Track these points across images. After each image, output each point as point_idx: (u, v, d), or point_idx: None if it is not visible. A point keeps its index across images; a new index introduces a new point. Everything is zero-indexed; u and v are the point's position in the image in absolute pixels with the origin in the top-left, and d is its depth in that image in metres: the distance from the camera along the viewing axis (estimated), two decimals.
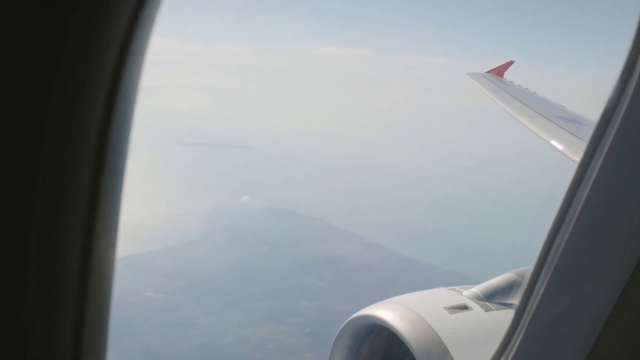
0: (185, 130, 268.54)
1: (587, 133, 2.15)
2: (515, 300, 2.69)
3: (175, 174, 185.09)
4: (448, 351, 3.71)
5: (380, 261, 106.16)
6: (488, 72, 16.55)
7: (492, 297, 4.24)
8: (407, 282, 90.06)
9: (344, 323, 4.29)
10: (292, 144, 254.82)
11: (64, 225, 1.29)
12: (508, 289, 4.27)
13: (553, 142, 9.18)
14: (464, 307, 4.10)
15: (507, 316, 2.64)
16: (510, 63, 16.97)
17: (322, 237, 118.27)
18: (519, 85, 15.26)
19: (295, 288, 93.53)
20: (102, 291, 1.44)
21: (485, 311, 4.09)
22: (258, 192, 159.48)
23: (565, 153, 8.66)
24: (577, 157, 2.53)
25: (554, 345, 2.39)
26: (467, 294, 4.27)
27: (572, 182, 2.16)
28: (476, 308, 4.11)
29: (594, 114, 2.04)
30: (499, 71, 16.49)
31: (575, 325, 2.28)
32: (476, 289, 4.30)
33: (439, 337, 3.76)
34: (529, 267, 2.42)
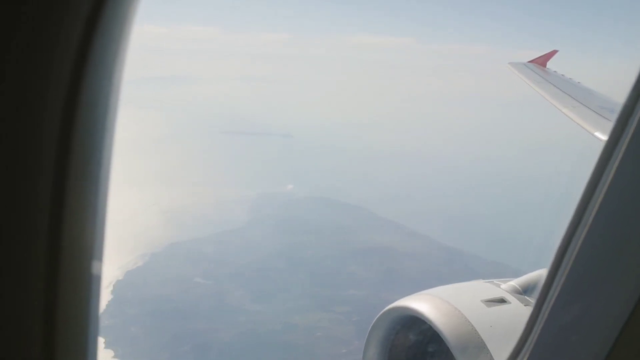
0: (228, 118, 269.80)
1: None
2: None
3: (220, 162, 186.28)
4: (485, 344, 3.66)
5: (425, 251, 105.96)
6: (530, 61, 16.06)
7: (531, 291, 4.16)
8: (452, 273, 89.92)
9: (379, 314, 4.27)
10: (332, 133, 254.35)
11: (25, 223, 1.25)
12: None
13: (597, 134, 8.92)
14: (502, 301, 4.04)
15: None
16: (554, 52, 16.49)
17: (366, 226, 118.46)
18: (562, 75, 14.79)
19: (342, 276, 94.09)
20: (78, 292, 1.39)
21: (524, 305, 4.00)
22: (301, 181, 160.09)
23: None
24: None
25: (570, 348, 2.37)
26: (505, 287, 4.22)
27: (590, 182, 2.13)
28: (514, 302, 4.04)
29: None
30: (542, 61, 16.00)
31: (591, 328, 2.24)
32: (515, 282, 4.25)
33: (475, 330, 3.71)
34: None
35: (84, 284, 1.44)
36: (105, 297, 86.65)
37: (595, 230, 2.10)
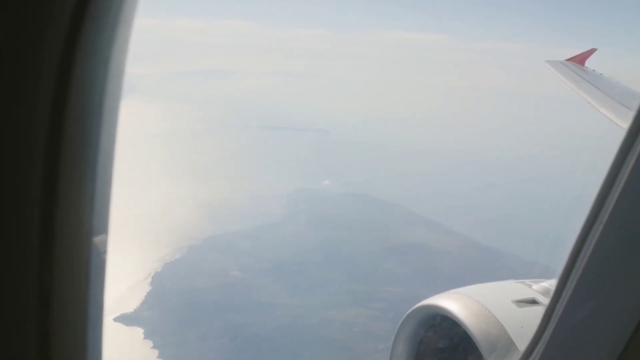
0: (264, 113, 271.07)
1: None
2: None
3: (256, 157, 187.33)
4: (515, 345, 3.58)
5: (462, 249, 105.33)
6: (568, 59, 15.69)
7: None
8: (489, 272, 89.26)
9: (409, 311, 4.23)
10: (367, 129, 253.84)
11: (15, 219, 1.24)
12: None
13: None
14: (534, 302, 3.94)
15: None
16: (592, 51, 16.16)
17: (402, 223, 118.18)
18: (600, 73, 14.43)
19: (378, 273, 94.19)
20: (76, 290, 1.39)
21: None
22: (337, 177, 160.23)
23: None
24: None
25: (582, 348, 2.36)
26: (537, 288, 4.12)
27: (604, 183, 2.11)
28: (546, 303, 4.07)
29: None
30: (580, 59, 15.63)
31: (604, 328, 2.24)
32: (547, 284, 4.15)
33: (505, 330, 3.64)
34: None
35: (82, 282, 1.42)
36: (144, 288, 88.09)
37: (610, 230, 2.11)
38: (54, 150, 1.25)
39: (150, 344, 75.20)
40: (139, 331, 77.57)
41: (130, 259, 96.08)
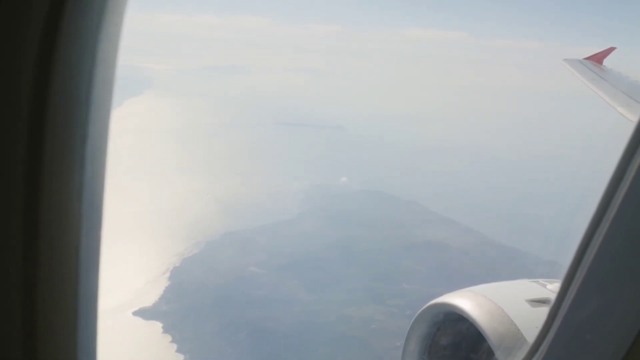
0: (280, 109, 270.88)
1: None
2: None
3: (273, 153, 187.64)
4: (529, 345, 3.33)
5: (479, 247, 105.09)
6: (586, 58, 15.47)
7: None
8: (506, 270, 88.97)
9: (421, 309, 4.23)
10: (383, 126, 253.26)
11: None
12: None
13: None
14: (548, 301, 3.83)
15: None
16: (611, 49, 15.90)
17: (419, 221, 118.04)
18: (619, 72, 14.17)
19: (395, 270, 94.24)
20: (64, 288, 1.36)
21: None
22: (353, 174, 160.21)
23: None
24: None
25: (587, 347, 2.36)
26: (552, 287, 4.08)
27: (611, 181, 2.09)
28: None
29: None
30: (599, 58, 15.42)
31: (609, 328, 2.22)
32: None
33: (518, 329, 3.60)
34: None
35: (72, 280, 1.38)
36: (162, 283, 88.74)
37: (616, 229, 2.10)
38: (37, 143, 1.21)
39: (168, 338, 75.80)
40: (157, 325, 78.17)
41: (149, 254, 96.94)
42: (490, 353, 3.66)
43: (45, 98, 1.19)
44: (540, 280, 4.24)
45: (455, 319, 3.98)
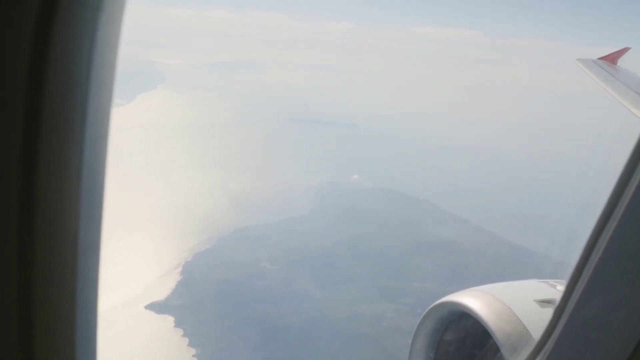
0: (293, 106, 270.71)
1: None
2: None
3: (285, 149, 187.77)
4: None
5: (491, 247, 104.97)
6: (600, 58, 14.97)
7: None
8: (517, 270, 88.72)
9: (429, 307, 4.22)
10: (396, 124, 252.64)
11: None
12: None
13: None
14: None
15: None
16: (626, 49, 15.34)
17: (430, 219, 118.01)
18: (634, 73, 13.82)
19: (407, 268, 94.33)
20: (61, 287, 1.36)
21: None
22: (366, 171, 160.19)
23: None
24: None
25: (592, 347, 2.37)
26: (561, 288, 3.56)
27: (618, 182, 2.10)
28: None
29: None
30: (613, 58, 14.90)
31: (614, 327, 2.24)
32: None
33: (527, 329, 3.56)
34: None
35: (69, 279, 1.38)
36: (174, 277, 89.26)
37: (623, 229, 2.10)
38: (32, 143, 1.20)
39: (180, 332, 76.25)
40: (169, 319, 78.63)
41: (161, 248, 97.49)
42: (497, 352, 3.65)
43: (40, 96, 1.18)
44: (550, 281, 4.20)
45: (463, 318, 4.01)
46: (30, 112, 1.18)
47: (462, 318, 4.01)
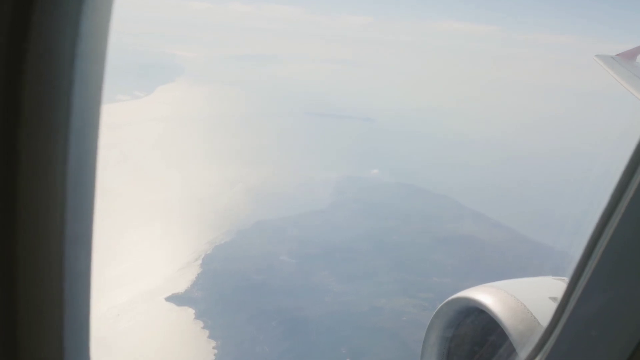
0: (311, 99, 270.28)
1: None
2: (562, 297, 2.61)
3: (303, 143, 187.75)
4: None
5: (509, 243, 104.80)
6: (619, 54, 14.88)
7: None
8: (535, 267, 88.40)
9: (443, 303, 4.19)
10: (414, 118, 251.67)
11: None
12: None
13: None
14: None
15: None
16: None
17: (449, 214, 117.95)
18: None
19: (426, 263, 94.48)
20: (49, 287, 1.34)
21: None
22: (385, 166, 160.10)
23: None
24: None
25: (592, 346, 2.37)
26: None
27: (620, 181, 2.12)
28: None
29: None
30: (632, 54, 14.81)
31: (615, 327, 2.25)
32: None
33: (541, 326, 3.43)
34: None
35: (55, 278, 1.36)
36: (194, 269, 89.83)
37: (625, 226, 2.11)
38: (12, 134, 1.18)
39: (200, 324, 76.76)
40: (190, 311, 79.18)
41: (181, 241, 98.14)
42: (511, 349, 3.62)
43: (19, 93, 1.15)
44: (565, 278, 4.04)
45: (477, 314, 4.00)
46: (10, 107, 1.15)
47: (475, 314, 4.03)
